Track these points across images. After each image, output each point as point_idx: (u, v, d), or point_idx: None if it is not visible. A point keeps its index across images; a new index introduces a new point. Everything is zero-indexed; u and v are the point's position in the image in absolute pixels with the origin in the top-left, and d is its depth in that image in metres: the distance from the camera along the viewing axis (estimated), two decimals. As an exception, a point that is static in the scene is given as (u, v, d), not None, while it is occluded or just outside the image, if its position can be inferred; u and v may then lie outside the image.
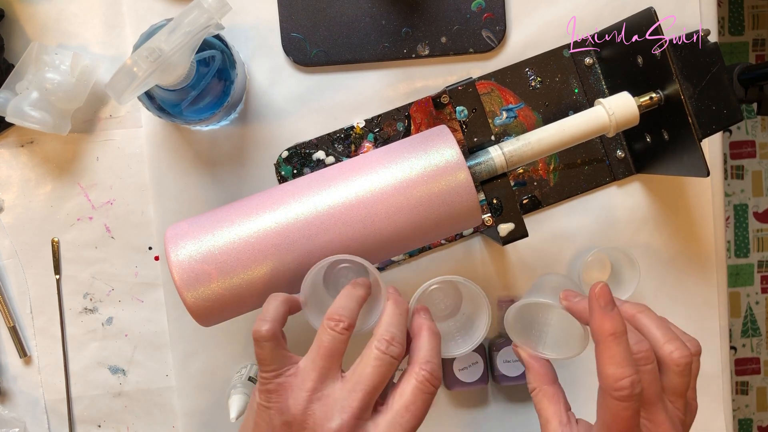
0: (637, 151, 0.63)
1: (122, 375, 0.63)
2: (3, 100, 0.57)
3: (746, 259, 1.59)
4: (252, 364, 0.63)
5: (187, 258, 0.48)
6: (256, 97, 0.62)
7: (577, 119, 0.54)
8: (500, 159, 0.52)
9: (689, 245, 0.65)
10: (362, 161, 0.51)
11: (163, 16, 0.56)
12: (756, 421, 1.61)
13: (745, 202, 1.58)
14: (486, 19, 0.62)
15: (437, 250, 0.64)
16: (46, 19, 0.61)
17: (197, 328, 0.62)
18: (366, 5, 0.61)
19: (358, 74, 0.62)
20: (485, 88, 0.63)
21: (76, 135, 0.62)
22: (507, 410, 0.65)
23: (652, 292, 0.65)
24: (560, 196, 0.64)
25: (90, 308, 0.63)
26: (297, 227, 0.48)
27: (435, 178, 0.49)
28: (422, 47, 0.62)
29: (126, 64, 0.45)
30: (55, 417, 0.63)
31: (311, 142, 0.62)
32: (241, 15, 0.61)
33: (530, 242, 0.64)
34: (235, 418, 0.54)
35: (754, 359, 1.61)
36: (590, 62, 0.63)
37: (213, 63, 0.52)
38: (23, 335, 0.63)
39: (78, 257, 0.63)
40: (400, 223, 0.49)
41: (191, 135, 0.62)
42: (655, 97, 0.55)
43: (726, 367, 0.66)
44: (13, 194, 0.62)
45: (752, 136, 1.57)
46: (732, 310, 1.59)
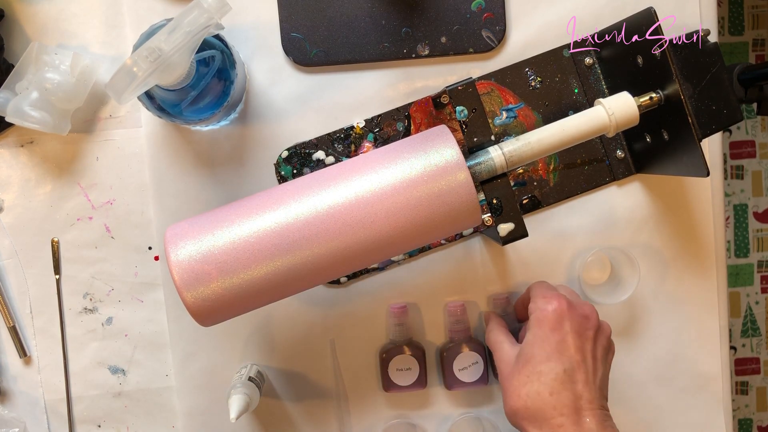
0: (637, 151, 0.63)
1: (122, 375, 0.63)
2: (3, 100, 0.57)
3: (746, 259, 1.59)
4: (252, 364, 0.63)
5: (187, 258, 0.48)
6: (256, 97, 0.62)
7: (577, 119, 0.54)
8: (500, 159, 0.52)
9: (689, 245, 0.65)
10: (362, 161, 0.51)
11: (163, 16, 0.56)
12: (756, 421, 1.61)
13: (745, 202, 1.58)
14: (486, 19, 0.62)
15: (437, 250, 0.64)
16: (46, 19, 0.61)
17: (197, 328, 0.62)
18: (366, 5, 0.61)
19: (358, 74, 0.62)
20: (485, 88, 0.63)
21: (76, 135, 0.62)
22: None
23: (652, 292, 0.65)
24: (560, 196, 0.64)
25: (90, 308, 0.63)
26: (297, 227, 0.48)
27: (435, 178, 0.49)
28: (422, 47, 0.62)
29: (126, 64, 0.45)
30: (55, 417, 0.63)
31: (311, 142, 0.62)
32: (241, 15, 0.61)
33: (530, 242, 0.64)
34: (235, 418, 0.54)
35: (754, 359, 1.60)
36: (590, 62, 0.63)
37: (213, 63, 0.52)
38: (23, 335, 0.63)
39: (78, 257, 0.63)
40: (400, 223, 0.49)
41: (191, 135, 0.62)
42: (655, 97, 0.55)
43: (726, 367, 0.66)
44: (13, 194, 0.62)
45: (752, 136, 1.57)
46: (732, 310, 1.59)
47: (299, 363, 0.64)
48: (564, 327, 0.52)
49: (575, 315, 0.53)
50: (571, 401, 0.50)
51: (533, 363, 0.52)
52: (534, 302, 0.55)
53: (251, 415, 0.64)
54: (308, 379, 0.64)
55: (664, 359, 0.65)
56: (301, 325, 0.64)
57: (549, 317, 0.53)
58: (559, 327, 0.52)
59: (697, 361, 0.66)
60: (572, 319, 0.53)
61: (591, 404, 0.50)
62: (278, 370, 0.64)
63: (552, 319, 0.53)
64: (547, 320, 0.53)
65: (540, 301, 0.54)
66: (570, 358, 0.51)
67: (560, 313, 0.53)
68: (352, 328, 0.64)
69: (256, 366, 0.63)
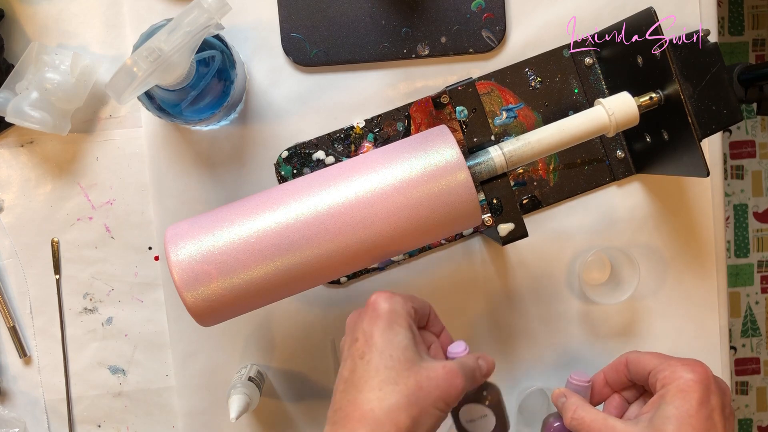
0: (637, 151, 0.63)
1: (122, 375, 0.63)
2: (3, 100, 0.57)
3: (746, 259, 1.59)
4: (252, 364, 0.63)
5: (187, 258, 0.48)
6: (256, 97, 0.62)
7: (577, 119, 0.54)
8: (500, 159, 0.52)
9: (689, 245, 0.65)
10: (362, 161, 0.51)
11: (163, 16, 0.56)
12: (756, 421, 1.61)
13: (745, 202, 1.58)
14: (486, 19, 0.62)
15: (437, 250, 0.64)
16: (46, 19, 0.61)
17: (197, 328, 0.62)
18: (366, 5, 0.61)
19: (358, 74, 0.62)
20: (485, 88, 0.63)
21: (76, 135, 0.62)
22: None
23: (652, 292, 0.65)
24: (560, 196, 0.64)
25: (90, 308, 0.63)
26: (297, 227, 0.48)
27: (435, 178, 0.49)
28: (422, 47, 0.62)
29: (126, 64, 0.45)
30: (55, 417, 0.63)
31: (311, 142, 0.62)
32: (241, 15, 0.61)
33: (530, 242, 0.64)
34: (235, 418, 0.54)
35: (754, 359, 1.60)
36: (590, 62, 0.63)
37: (213, 63, 0.52)
38: (23, 335, 0.63)
39: (78, 257, 0.63)
40: (400, 223, 0.49)
41: (191, 135, 0.62)
42: (655, 97, 0.55)
43: (726, 367, 0.66)
44: (13, 194, 0.62)
45: (752, 136, 1.57)
46: (732, 310, 1.59)
47: (299, 363, 0.64)
48: (711, 402, 0.44)
49: (719, 388, 0.45)
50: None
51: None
52: (669, 371, 0.45)
53: (251, 415, 0.64)
54: (308, 379, 0.64)
55: (664, 359, 0.65)
56: (301, 325, 0.64)
57: (696, 388, 0.44)
58: (707, 401, 0.44)
59: (697, 361, 0.66)
60: (717, 393, 0.45)
61: None
62: (278, 370, 0.64)
63: (700, 390, 0.44)
64: (694, 392, 0.44)
65: (680, 369, 0.45)
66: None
67: (708, 384, 0.44)
68: (352, 328, 0.64)
69: (256, 366, 0.63)
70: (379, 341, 0.43)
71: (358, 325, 0.45)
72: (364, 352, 0.43)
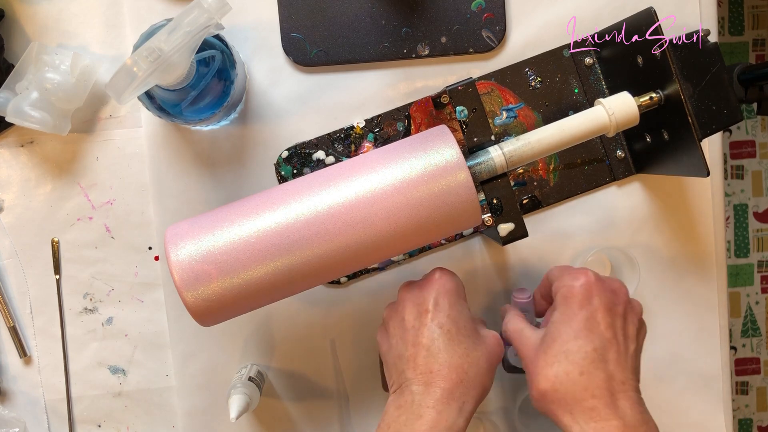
0: (637, 151, 0.63)
1: (122, 375, 0.63)
2: (3, 100, 0.57)
3: (746, 259, 1.59)
4: (252, 364, 0.63)
5: (187, 258, 0.48)
6: (256, 97, 0.62)
7: (577, 119, 0.54)
8: (500, 159, 0.52)
9: (689, 245, 0.65)
10: (362, 161, 0.51)
11: (163, 16, 0.56)
12: (756, 421, 1.61)
13: (745, 202, 1.58)
14: (486, 19, 0.62)
15: (437, 250, 0.64)
16: (46, 19, 0.61)
17: (197, 328, 0.62)
18: (366, 5, 0.61)
19: (358, 74, 0.62)
20: (485, 88, 0.63)
21: (76, 135, 0.62)
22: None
23: (652, 292, 0.65)
24: (560, 196, 0.64)
25: (90, 308, 0.63)
26: (297, 227, 0.48)
27: (435, 178, 0.49)
28: (422, 47, 0.62)
29: (126, 64, 0.45)
30: (55, 417, 0.63)
31: (311, 142, 0.62)
32: (241, 15, 0.61)
33: (530, 242, 0.64)
34: (235, 418, 0.54)
35: (754, 359, 1.60)
36: (590, 62, 0.63)
37: (213, 63, 0.52)
38: (23, 335, 0.63)
39: (78, 257, 0.63)
40: (400, 223, 0.49)
41: (191, 135, 0.62)
42: (655, 97, 0.55)
43: (726, 367, 0.66)
44: (13, 194, 0.62)
45: (752, 136, 1.57)
46: (732, 310, 1.59)
47: (299, 363, 0.64)
48: (593, 303, 0.48)
49: (604, 290, 0.49)
50: (603, 382, 0.46)
51: (560, 342, 0.48)
52: (560, 280, 0.51)
53: (251, 415, 0.64)
54: (308, 379, 0.64)
55: (664, 359, 0.65)
56: (301, 325, 0.64)
57: (576, 293, 0.49)
58: (588, 303, 0.48)
59: (697, 361, 0.66)
60: (601, 295, 0.49)
61: (624, 386, 0.47)
62: (278, 370, 0.64)
63: (580, 294, 0.49)
64: (575, 296, 0.49)
65: (566, 278, 0.51)
66: (600, 335, 0.48)
67: (588, 287, 0.49)
68: (352, 328, 0.64)
69: (256, 366, 0.63)
70: (453, 313, 0.50)
71: (425, 297, 0.51)
72: (442, 323, 0.50)
